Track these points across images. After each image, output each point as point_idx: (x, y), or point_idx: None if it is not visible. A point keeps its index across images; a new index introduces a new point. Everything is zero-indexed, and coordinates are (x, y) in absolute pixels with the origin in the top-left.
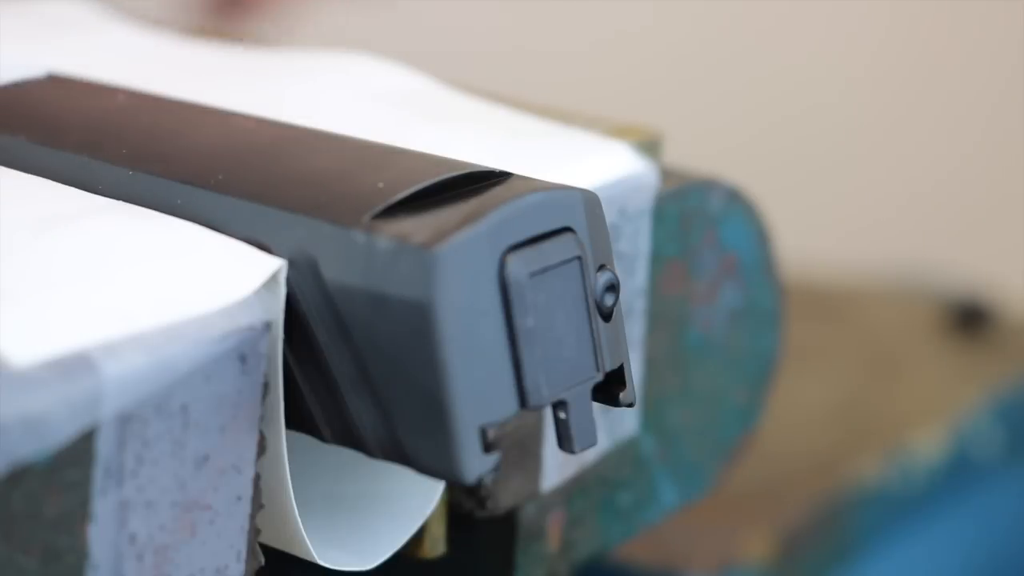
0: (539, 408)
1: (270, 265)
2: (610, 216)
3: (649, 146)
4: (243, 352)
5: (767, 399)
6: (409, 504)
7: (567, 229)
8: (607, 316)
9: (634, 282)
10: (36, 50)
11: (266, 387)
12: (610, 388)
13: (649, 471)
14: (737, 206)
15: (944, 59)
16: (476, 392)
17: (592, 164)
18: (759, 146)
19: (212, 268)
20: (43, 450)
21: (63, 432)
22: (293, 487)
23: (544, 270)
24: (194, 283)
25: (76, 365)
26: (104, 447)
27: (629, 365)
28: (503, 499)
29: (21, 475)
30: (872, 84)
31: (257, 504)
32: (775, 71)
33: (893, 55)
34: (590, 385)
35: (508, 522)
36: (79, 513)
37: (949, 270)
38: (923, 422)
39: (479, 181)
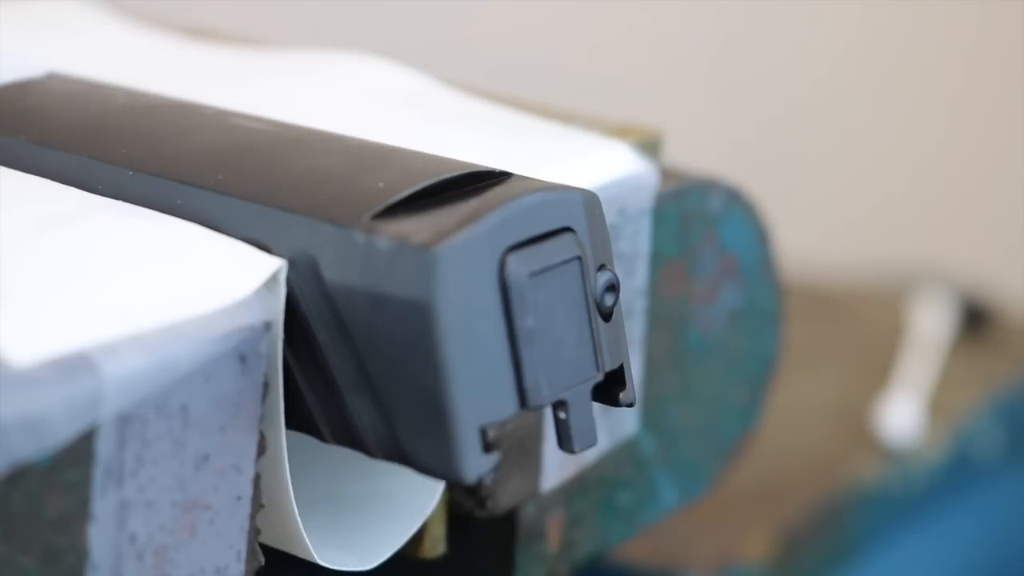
0: (539, 408)
1: (270, 265)
2: (610, 216)
3: (649, 146)
4: (243, 352)
5: (767, 399)
6: (409, 504)
7: (567, 229)
8: (607, 316)
9: (634, 282)
10: (36, 50)
11: (266, 387)
12: (610, 388)
13: (649, 471)
14: (737, 206)
15: (945, 59)
16: (476, 392)
17: (592, 164)
18: (759, 146)
19: (212, 268)
20: (43, 450)
21: (63, 432)
22: (293, 487)
23: (544, 270)
24: (194, 283)
25: (76, 365)
26: (104, 447)
27: (629, 365)
28: (503, 499)
29: (21, 475)
30: (872, 84)
31: (257, 504)
32: (775, 71)
33: (894, 55)
34: (590, 385)
35: (508, 522)
36: (79, 513)
37: (950, 271)
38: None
39: (479, 181)
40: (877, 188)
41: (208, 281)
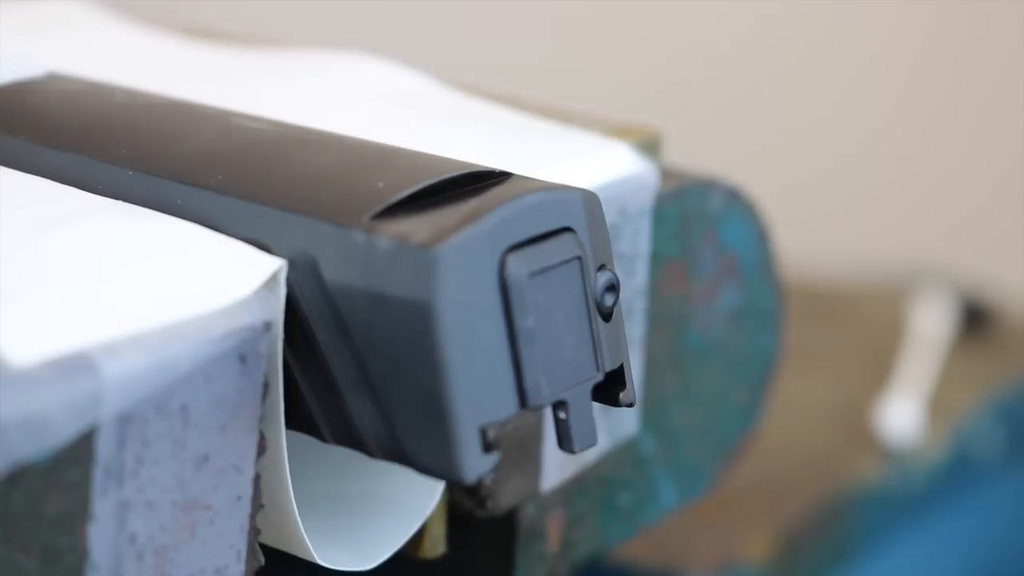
0: (539, 408)
1: (270, 265)
2: (610, 216)
3: (649, 146)
4: (243, 352)
5: (767, 399)
6: (409, 504)
7: (567, 229)
8: (607, 316)
9: (634, 282)
10: (36, 50)
11: (266, 387)
12: (610, 388)
13: (649, 471)
14: (737, 206)
15: (945, 59)
16: (476, 392)
17: (592, 164)
18: (759, 146)
19: (212, 268)
20: (43, 450)
21: (63, 432)
22: (293, 487)
23: (544, 270)
24: (194, 283)
25: (76, 365)
26: (104, 447)
27: (629, 365)
28: (503, 499)
29: (21, 475)
30: (872, 84)
31: (257, 504)
32: (775, 71)
33: (894, 55)
34: (590, 385)
35: (508, 522)
36: (79, 513)
37: (950, 271)
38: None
39: (479, 181)
40: (877, 188)
41: (208, 281)
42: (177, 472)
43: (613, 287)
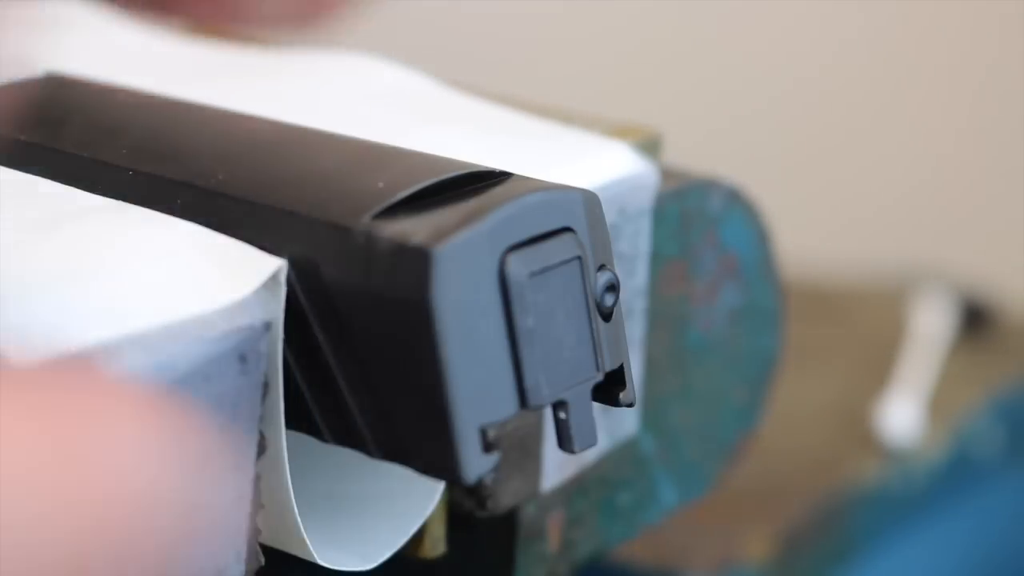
0: (539, 408)
1: (270, 265)
2: (610, 216)
3: (649, 146)
4: (243, 352)
5: (767, 399)
6: (409, 504)
7: (567, 229)
8: (607, 316)
9: (634, 282)
10: (36, 50)
11: (266, 387)
12: (610, 388)
13: (649, 471)
14: (737, 206)
15: (944, 59)
16: (476, 392)
17: (592, 164)
18: (759, 146)
19: (212, 268)
20: None
21: None
22: (293, 487)
23: (544, 270)
24: (194, 283)
25: (76, 365)
26: None
27: (629, 365)
28: (503, 499)
29: None
30: (872, 84)
31: (257, 504)
32: (775, 71)
33: (893, 54)
34: (590, 385)
35: (508, 522)
36: None
37: (950, 271)
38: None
39: (479, 181)
40: (877, 188)
41: (208, 281)
42: None
43: (613, 287)
